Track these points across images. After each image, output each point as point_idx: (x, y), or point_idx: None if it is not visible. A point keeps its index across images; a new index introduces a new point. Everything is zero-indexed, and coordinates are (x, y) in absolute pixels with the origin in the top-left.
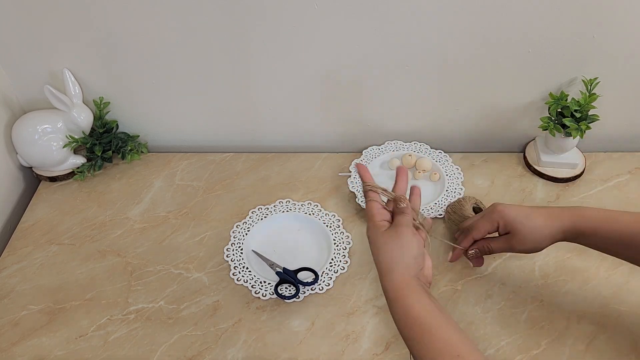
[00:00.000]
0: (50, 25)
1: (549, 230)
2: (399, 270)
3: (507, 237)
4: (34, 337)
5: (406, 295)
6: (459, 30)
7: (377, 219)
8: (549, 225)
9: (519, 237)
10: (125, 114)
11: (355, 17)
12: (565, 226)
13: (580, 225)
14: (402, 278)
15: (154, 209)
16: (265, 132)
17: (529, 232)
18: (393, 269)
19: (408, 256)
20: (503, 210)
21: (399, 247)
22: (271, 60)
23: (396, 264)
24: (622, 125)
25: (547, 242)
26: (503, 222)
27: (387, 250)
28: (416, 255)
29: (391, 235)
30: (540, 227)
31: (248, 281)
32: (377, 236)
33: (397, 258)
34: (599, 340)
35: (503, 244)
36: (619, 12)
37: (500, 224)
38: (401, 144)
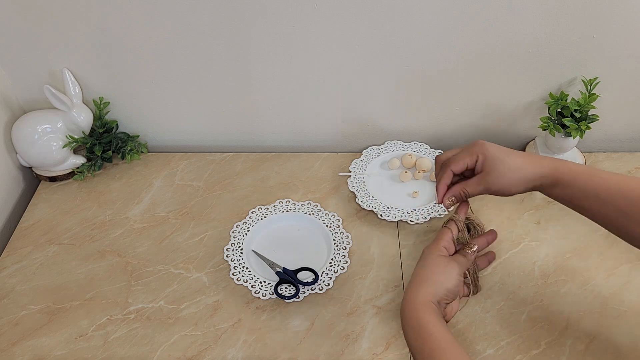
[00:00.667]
0: (50, 25)
1: (526, 171)
2: (429, 290)
3: (482, 175)
4: (33, 337)
5: (426, 311)
6: (459, 30)
7: (442, 244)
8: (528, 167)
9: (495, 175)
10: (125, 114)
11: (355, 17)
12: (544, 171)
13: (559, 174)
14: (428, 297)
15: (154, 209)
16: (265, 132)
17: (506, 170)
18: (426, 285)
19: (444, 286)
20: (484, 145)
21: (442, 273)
22: (271, 60)
23: (430, 284)
24: (622, 125)
25: (522, 185)
26: (483, 156)
27: (431, 270)
28: (450, 290)
29: (443, 262)
30: (519, 167)
31: (248, 281)
32: (432, 254)
33: (433, 280)
34: (599, 340)
35: (478, 184)
36: (619, 12)
37: (480, 158)
38: (401, 144)
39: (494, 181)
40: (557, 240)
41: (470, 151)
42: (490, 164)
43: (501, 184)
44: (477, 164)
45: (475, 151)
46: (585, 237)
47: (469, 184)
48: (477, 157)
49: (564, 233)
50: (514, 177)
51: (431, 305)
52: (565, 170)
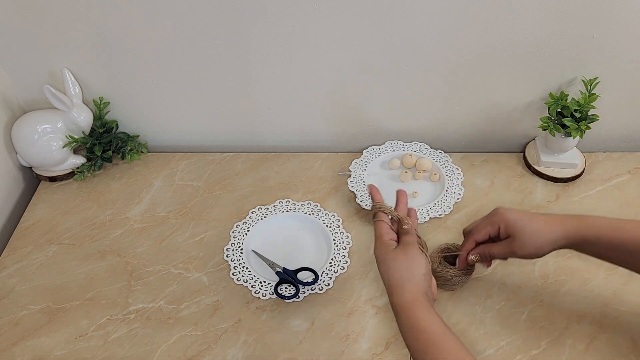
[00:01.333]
0: (50, 26)
1: (551, 235)
2: (410, 287)
3: (508, 241)
4: (33, 337)
5: (415, 309)
6: (459, 30)
7: (385, 238)
8: (551, 230)
9: (520, 241)
10: (125, 114)
11: (355, 17)
12: (568, 232)
13: (583, 232)
14: (412, 294)
15: (154, 209)
16: (265, 132)
17: (529, 236)
18: (404, 285)
19: (418, 274)
20: (504, 213)
21: (408, 265)
22: (271, 61)
23: (407, 280)
24: (622, 125)
25: (548, 248)
26: (504, 224)
27: (397, 269)
28: (425, 273)
29: (400, 254)
30: (542, 231)
31: (248, 281)
32: (386, 254)
33: (408, 275)
34: (599, 340)
35: (504, 249)
36: (619, 12)
37: (502, 226)
38: (401, 144)
39: (520, 247)
40: None
41: (492, 221)
42: (513, 231)
43: (527, 250)
44: (500, 232)
45: (495, 221)
46: None
47: (494, 246)
48: (499, 226)
49: None
50: (539, 242)
51: (419, 300)
52: (589, 228)
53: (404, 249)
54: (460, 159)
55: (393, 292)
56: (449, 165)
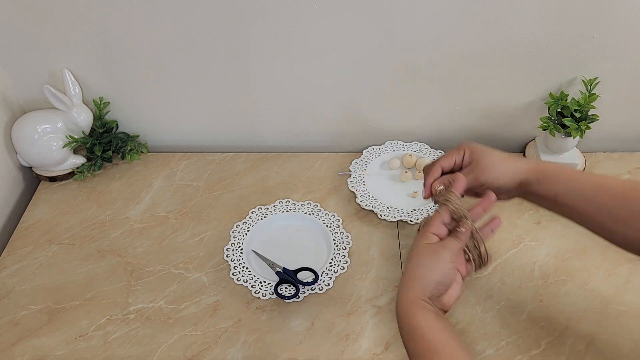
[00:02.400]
0: (50, 26)
1: (513, 164)
2: (415, 288)
3: (471, 166)
4: (34, 337)
5: (414, 312)
6: (459, 30)
7: (430, 230)
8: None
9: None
10: (125, 114)
11: (355, 17)
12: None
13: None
14: (414, 296)
15: (154, 209)
16: (265, 132)
17: (494, 161)
18: (413, 284)
19: (429, 279)
20: (471, 142)
21: (426, 265)
22: (271, 60)
23: (417, 280)
24: (622, 125)
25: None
26: (469, 150)
27: (415, 263)
28: (439, 282)
29: (429, 251)
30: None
31: (248, 281)
32: (418, 244)
33: (419, 275)
34: (599, 340)
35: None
36: (619, 12)
37: (467, 151)
38: (401, 144)
39: (482, 170)
40: (557, 240)
41: (458, 147)
42: (477, 155)
43: (489, 173)
44: (464, 158)
45: (462, 146)
46: (585, 237)
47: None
48: (464, 150)
49: (564, 233)
50: (502, 168)
51: (421, 304)
52: (550, 166)
53: (437, 248)
54: None
55: (401, 287)
56: None
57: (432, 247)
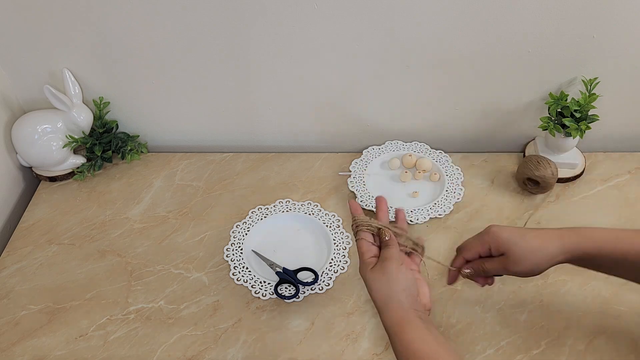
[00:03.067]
0: (50, 26)
1: (548, 251)
2: (392, 306)
3: (502, 259)
4: (34, 337)
5: (404, 330)
6: (459, 30)
7: (366, 257)
8: (548, 245)
9: (514, 259)
10: (125, 114)
11: (355, 17)
12: (566, 246)
13: (583, 246)
14: (397, 313)
15: (154, 209)
16: (265, 132)
17: (523, 254)
18: (387, 305)
19: (396, 290)
20: (496, 232)
21: (386, 282)
22: (271, 60)
23: (389, 299)
24: (622, 125)
25: (545, 264)
26: (495, 244)
27: (377, 288)
28: (405, 288)
29: (378, 272)
30: (537, 247)
31: (248, 281)
32: (366, 274)
33: (388, 294)
34: (599, 340)
35: (497, 265)
36: (619, 12)
37: (492, 246)
38: (401, 144)
39: (514, 265)
40: None
41: (482, 240)
42: (505, 248)
43: (522, 267)
44: (491, 251)
45: (485, 240)
46: None
47: (489, 262)
48: (489, 245)
49: None
50: (534, 260)
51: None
52: (589, 242)
53: (381, 266)
54: (460, 159)
55: (380, 313)
56: (449, 165)
57: (377, 268)
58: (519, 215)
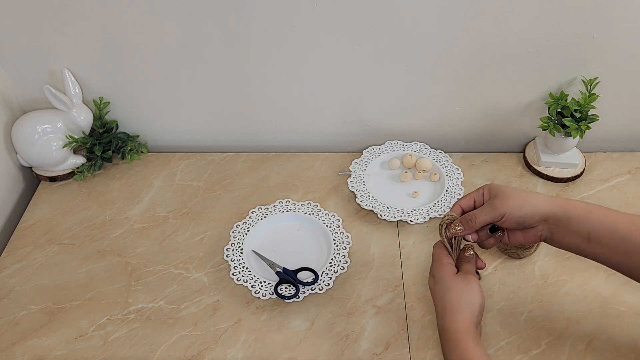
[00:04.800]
0: (50, 25)
1: (535, 196)
2: (466, 314)
3: (490, 200)
4: (34, 337)
5: (467, 339)
6: (459, 30)
7: (445, 261)
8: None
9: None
10: (125, 114)
11: (355, 17)
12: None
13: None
14: (467, 322)
15: (154, 208)
16: (265, 132)
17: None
18: (461, 311)
19: (474, 303)
20: (490, 184)
21: (468, 292)
22: (271, 60)
23: (464, 308)
24: (622, 125)
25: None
26: (487, 188)
27: (457, 293)
28: (481, 304)
29: (461, 281)
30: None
31: (248, 281)
32: (447, 276)
33: (467, 302)
34: (599, 340)
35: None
36: (619, 12)
37: (485, 190)
38: (401, 144)
39: (502, 200)
40: None
41: (477, 190)
42: (496, 190)
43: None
44: (484, 196)
45: (480, 187)
46: None
47: (476, 211)
48: (483, 190)
49: None
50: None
51: (471, 331)
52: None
53: (465, 277)
54: (460, 159)
55: (447, 316)
56: (449, 165)
57: (460, 277)
58: None
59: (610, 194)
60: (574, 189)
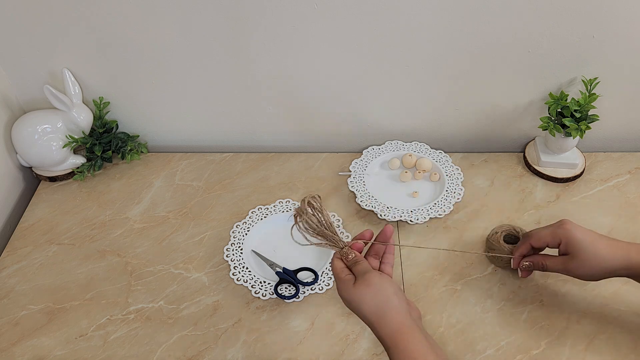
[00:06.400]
0: (50, 25)
1: (611, 262)
2: (391, 314)
3: (566, 259)
4: (34, 337)
5: (407, 338)
6: (459, 30)
7: (342, 276)
8: (614, 257)
9: (578, 262)
10: (125, 114)
11: (355, 17)
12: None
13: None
14: (395, 318)
15: (154, 208)
16: (265, 132)
17: (589, 259)
18: (385, 315)
19: (388, 296)
20: (570, 230)
21: (374, 293)
22: (271, 60)
23: (384, 306)
24: (622, 125)
25: (605, 274)
26: (566, 240)
27: (368, 301)
28: (395, 291)
29: (362, 286)
30: (604, 257)
31: (248, 281)
32: (349, 291)
33: (381, 302)
34: (599, 340)
35: (559, 264)
36: (619, 12)
37: (563, 241)
38: (401, 144)
39: (577, 268)
40: None
41: (555, 233)
42: (574, 249)
43: (583, 272)
44: (560, 247)
45: (558, 234)
46: None
47: (550, 259)
48: (560, 240)
49: None
50: (598, 267)
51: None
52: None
53: (363, 279)
54: (460, 159)
55: (376, 326)
56: (449, 165)
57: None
58: (519, 215)
59: (610, 194)
60: (574, 189)
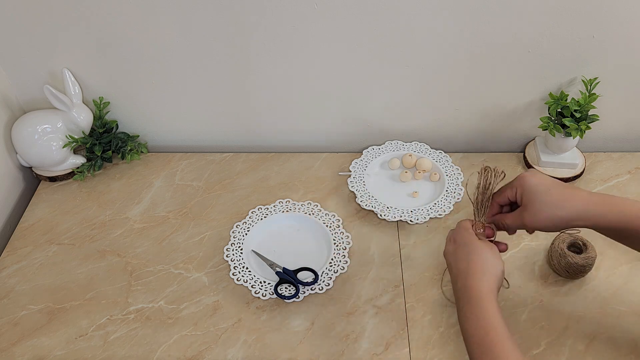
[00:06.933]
0: (50, 26)
1: (565, 211)
2: (491, 277)
3: (519, 210)
4: (34, 337)
5: (490, 301)
6: (459, 30)
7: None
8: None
9: (531, 211)
10: (125, 114)
11: (355, 17)
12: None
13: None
14: (491, 285)
15: (154, 208)
16: (265, 132)
17: (542, 207)
18: (487, 273)
19: (499, 269)
20: (525, 177)
21: (493, 256)
22: (271, 60)
23: (491, 269)
24: (622, 125)
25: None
26: (522, 189)
27: (483, 255)
28: (503, 271)
29: (487, 247)
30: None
31: (248, 281)
32: (472, 239)
33: (492, 266)
34: (599, 340)
35: (517, 219)
36: (619, 12)
37: (518, 191)
38: (401, 144)
39: (531, 218)
40: None
41: (512, 184)
42: (527, 199)
43: (538, 223)
44: (517, 197)
45: (514, 184)
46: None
47: (507, 216)
48: (516, 190)
49: None
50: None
51: (494, 295)
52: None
53: (492, 245)
54: (460, 159)
55: (471, 276)
56: (449, 165)
57: (488, 243)
58: None
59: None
60: None
